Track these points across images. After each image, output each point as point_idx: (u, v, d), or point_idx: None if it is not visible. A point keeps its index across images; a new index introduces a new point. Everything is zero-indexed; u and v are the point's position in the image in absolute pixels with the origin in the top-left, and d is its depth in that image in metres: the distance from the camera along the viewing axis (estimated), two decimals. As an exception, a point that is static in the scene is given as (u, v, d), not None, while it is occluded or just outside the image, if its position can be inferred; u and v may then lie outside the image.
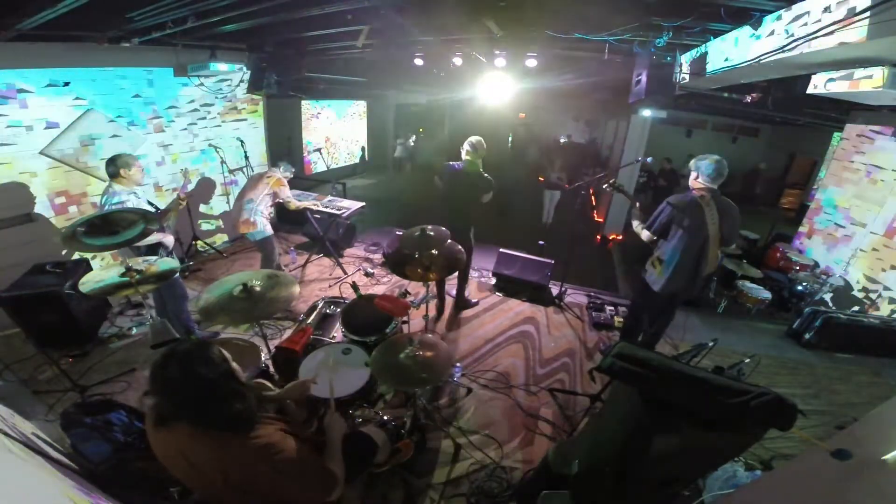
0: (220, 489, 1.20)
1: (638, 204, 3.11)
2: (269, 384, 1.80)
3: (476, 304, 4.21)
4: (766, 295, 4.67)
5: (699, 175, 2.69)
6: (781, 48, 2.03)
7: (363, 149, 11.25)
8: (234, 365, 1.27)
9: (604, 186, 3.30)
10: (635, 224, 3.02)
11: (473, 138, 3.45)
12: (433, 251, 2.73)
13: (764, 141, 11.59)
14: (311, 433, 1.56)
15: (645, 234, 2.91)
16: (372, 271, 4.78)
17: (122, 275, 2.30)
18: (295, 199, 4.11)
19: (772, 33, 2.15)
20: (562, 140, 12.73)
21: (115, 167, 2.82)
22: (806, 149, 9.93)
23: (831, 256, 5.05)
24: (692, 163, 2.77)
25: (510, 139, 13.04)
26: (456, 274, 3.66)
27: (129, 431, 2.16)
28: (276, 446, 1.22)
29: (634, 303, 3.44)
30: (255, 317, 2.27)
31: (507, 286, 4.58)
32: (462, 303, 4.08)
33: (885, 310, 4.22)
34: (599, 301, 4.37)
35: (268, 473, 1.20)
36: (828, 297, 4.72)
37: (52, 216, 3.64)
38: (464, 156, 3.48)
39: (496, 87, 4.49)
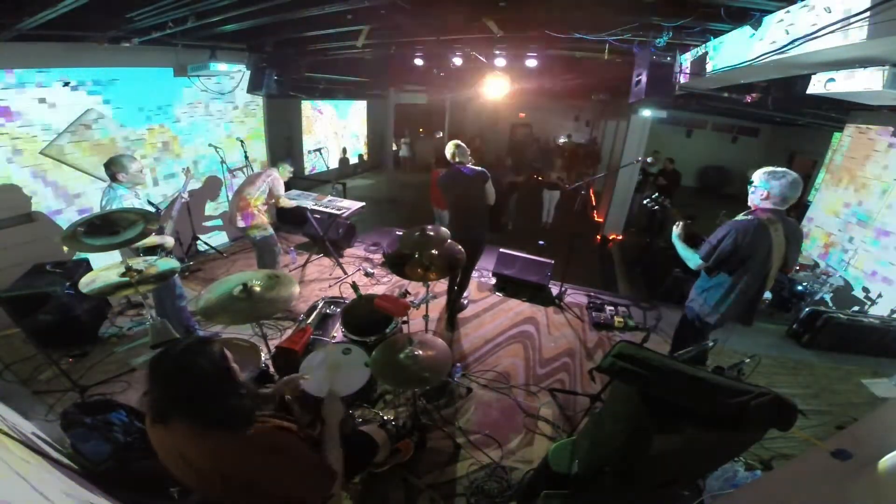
0: (219, 488, 1.20)
1: (682, 223, 2.62)
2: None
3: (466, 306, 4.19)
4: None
5: (769, 194, 2.27)
6: (781, 48, 2.03)
7: (343, 150, 11.23)
8: (234, 365, 1.27)
9: (645, 202, 2.94)
10: (684, 249, 2.56)
11: (456, 142, 3.49)
12: (433, 251, 2.73)
13: (764, 141, 11.59)
14: (313, 434, 1.55)
15: (695, 263, 2.48)
16: (372, 271, 4.78)
17: (122, 275, 2.30)
18: (287, 199, 4.12)
19: (771, 34, 2.15)
20: (561, 140, 12.71)
21: (112, 170, 2.82)
22: (806, 149, 9.93)
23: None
24: (760, 179, 2.31)
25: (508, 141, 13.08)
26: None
27: (130, 431, 2.16)
28: (273, 444, 1.22)
29: (682, 337, 2.84)
30: (255, 317, 2.27)
31: (507, 286, 4.58)
32: (457, 308, 4.00)
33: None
34: (599, 301, 4.37)
35: (265, 471, 1.20)
36: (828, 297, 4.72)
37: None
38: (455, 159, 3.48)
39: (496, 87, 4.50)
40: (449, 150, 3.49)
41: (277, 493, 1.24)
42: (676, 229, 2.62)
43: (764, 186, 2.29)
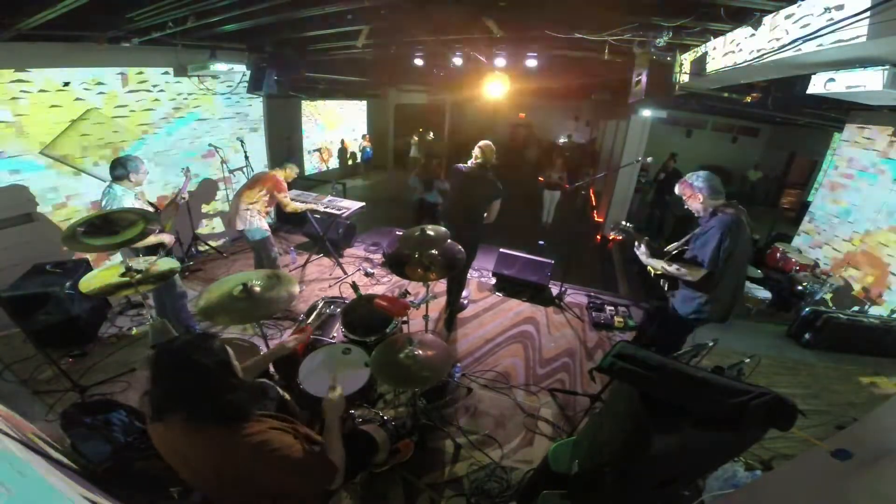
0: (215, 485, 1.20)
1: (645, 241, 2.65)
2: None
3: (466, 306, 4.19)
4: (766, 295, 4.67)
5: (704, 194, 2.41)
6: (781, 48, 2.03)
7: (343, 142, 11.18)
8: (234, 362, 1.28)
9: (611, 233, 3.05)
10: (673, 266, 2.46)
11: (483, 142, 3.41)
12: (433, 251, 2.73)
13: (764, 141, 11.60)
14: (311, 433, 1.55)
15: (701, 273, 2.36)
16: (372, 271, 4.78)
17: (122, 275, 2.30)
18: (292, 202, 4.07)
19: (772, 30, 2.15)
20: (561, 140, 12.72)
21: (125, 170, 2.80)
22: (806, 149, 9.93)
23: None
24: (685, 189, 2.49)
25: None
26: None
27: (130, 431, 2.16)
28: (270, 443, 1.22)
29: (672, 336, 2.80)
30: (255, 317, 2.27)
31: (507, 286, 4.58)
32: (457, 308, 4.00)
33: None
34: (599, 301, 4.37)
35: (262, 470, 1.20)
36: (828, 297, 4.72)
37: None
38: (472, 159, 3.43)
39: (496, 87, 4.49)
40: (475, 149, 3.42)
41: (273, 489, 1.24)
42: (641, 250, 2.62)
43: (694, 191, 2.45)
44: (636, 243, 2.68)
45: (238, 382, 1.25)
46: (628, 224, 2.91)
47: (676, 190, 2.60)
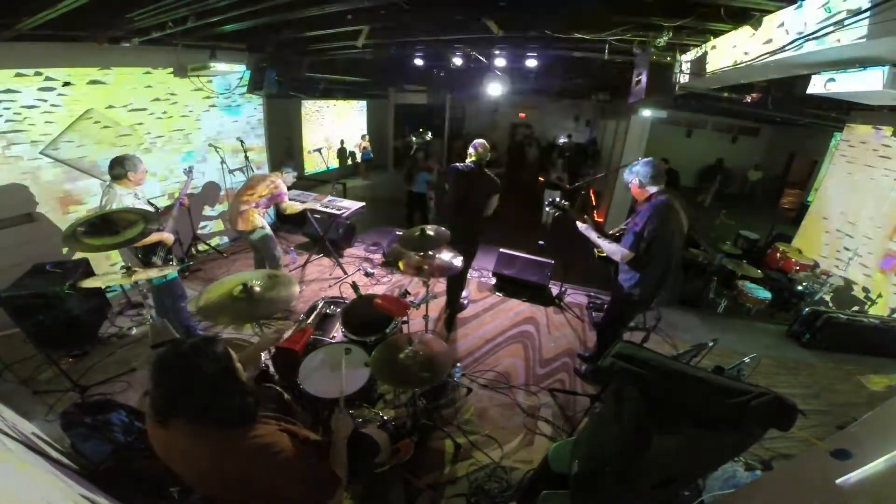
0: (220, 488, 1.20)
1: (588, 218, 2.83)
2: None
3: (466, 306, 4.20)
4: (766, 295, 4.67)
5: (641, 181, 2.56)
6: (781, 48, 2.03)
7: (342, 145, 11.14)
8: (238, 365, 1.27)
9: (546, 209, 2.98)
10: (606, 244, 2.71)
11: (477, 141, 3.47)
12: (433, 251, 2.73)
13: (764, 141, 11.59)
14: (315, 436, 1.55)
15: (624, 255, 2.59)
16: (372, 271, 4.78)
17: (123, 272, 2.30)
18: (291, 204, 4.06)
19: (771, 35, 2.15)
20: (561, 140, 12.70)
21: (123, 169, 2.79)
22: (806, 149, 9.93)
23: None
24: (626, 176, 2.67)
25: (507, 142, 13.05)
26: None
27: (130, 431, 2.16)
28: (275, 446, 1.21)
29: (615, 318, 3.08)
30: (255, 317, 2.27)
31: (507, 286, 4.58)
32: (457, 309, 4.01)
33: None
34: (599, 301, 4.37)
35: (267, 473, 1.19)
36: (828, 297, 4.72)
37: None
38: (469, 158, 3.47)
39: (496, 87, 4.50)
40: (470, 147, 3.48)
41: (278, 495, 1.24)
42: (584, 226, 2.77)
43: (634, 177, 2.57)
44: (577, 222, 2.81)
45: (242, 387, 1.23)
46: (564, 202, 2.92)
47: (626, 178, 2.72)
